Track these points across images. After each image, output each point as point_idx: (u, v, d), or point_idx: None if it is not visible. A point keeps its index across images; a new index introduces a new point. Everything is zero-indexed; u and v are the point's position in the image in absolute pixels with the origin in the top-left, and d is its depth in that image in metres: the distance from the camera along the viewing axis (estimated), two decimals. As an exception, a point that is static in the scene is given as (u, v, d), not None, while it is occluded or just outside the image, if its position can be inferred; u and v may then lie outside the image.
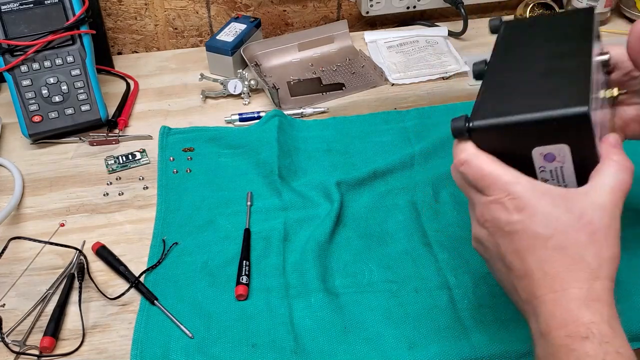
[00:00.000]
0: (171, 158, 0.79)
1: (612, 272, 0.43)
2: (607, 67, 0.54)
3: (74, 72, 0.82)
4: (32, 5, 0.80)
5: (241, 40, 0.93)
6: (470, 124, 0.46)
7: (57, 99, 0.81)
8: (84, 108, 0.82)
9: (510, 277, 0.45)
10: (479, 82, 0.53)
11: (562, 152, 0.45)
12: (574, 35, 0.52)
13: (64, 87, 0.81)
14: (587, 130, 0.43)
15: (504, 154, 0.46)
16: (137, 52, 1.06)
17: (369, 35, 1.02)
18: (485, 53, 0.54)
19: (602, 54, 0.53)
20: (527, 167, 0.46)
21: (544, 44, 0.53)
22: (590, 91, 0.44)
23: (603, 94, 0.51)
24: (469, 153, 0.46)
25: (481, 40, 1.02)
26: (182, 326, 0.59)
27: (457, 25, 1.01)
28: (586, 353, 0.40)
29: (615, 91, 0.53)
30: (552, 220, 0.43)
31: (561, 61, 0.49)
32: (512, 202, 0.43)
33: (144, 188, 0.76)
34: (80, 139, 0.83)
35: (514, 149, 0.46)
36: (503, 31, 0.57)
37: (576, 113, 0.42)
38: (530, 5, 0.97)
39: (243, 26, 0.95)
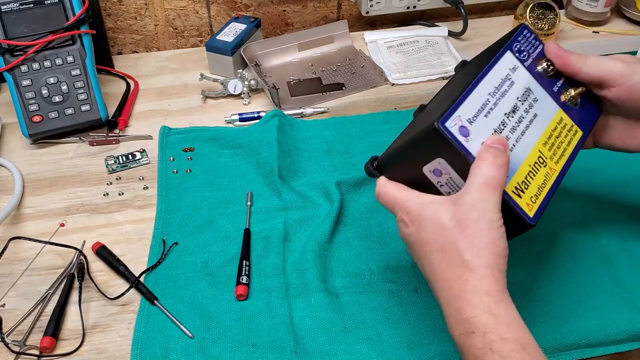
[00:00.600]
0: (171, 158, 0.79)
1: (490, 259, 0.44)
2: (551, 72, 0.57)
3: (74, 72, 0.82)
4: (32, 5, 0.80)
5: (241, 40, 0.93)
6: (375, 163, 0.55)
7: (57, 99, 0.81)
8: (84, 108, 0.82)
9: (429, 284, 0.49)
10: None
11: (442, 164, 0.50)
12: (488, 56, 0.56)
13: (64, 87, 0.81)
14: (444, 141, 0.48)
15: (407, 179, 0.52)
16: (137, 52, 1.06)
17: (369, 35, 1.02)
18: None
19: (544, 63, 0.57)
20: (430, 187, 0.51)
21: (471, 72, 0.57)
22: (454, 107, 0.49)
23: (563, 97, 0.56)
24: (379, 185, 0.53)
25: (481, 40, 1.02)
26: (182, 326, 0.59)
27: (457, 25, 1.01)
28: (475, 347, 0.42)
29: (572, 91, 0.56)
30: (434, 225, 0.47)
31: (459, 85, 0.55)
32: (407, 216, 0.49)
33: (144, 188, 0.76)
34: (80, 139, 0.83)
35: (411, 173, 0.52)
36: (460, 69, 0.63)
37: (429, 129, 0.48)
38: (530, 5, 0.97)
39: (243, 26, 0.95)
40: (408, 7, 1.05)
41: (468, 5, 1.02)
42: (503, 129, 0.52)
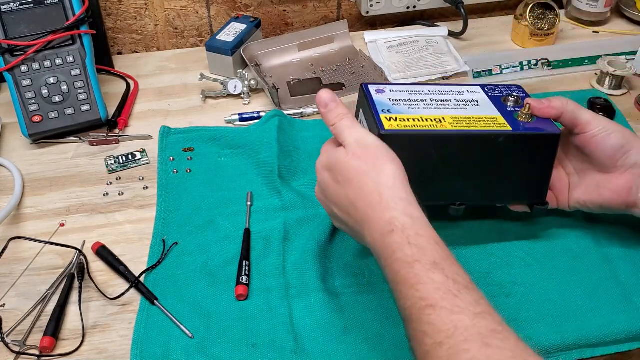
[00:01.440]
0: (171, 158, 0.79)
1: (391, 170, 0.51)
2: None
3: (74, 72, 0.82)
4: (32, 5, 0.80)
5: (241, 40, 0.93)
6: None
7: (57, 99, 0.81)
8: (84, 108, 0.82)
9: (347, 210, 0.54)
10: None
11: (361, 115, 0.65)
12: None
13: (64, 87, 0.81)
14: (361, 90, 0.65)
15: None
16: (137, 52, 1.06)
17: (369, 35, 1.02)
18: (486, 53, 0.55)
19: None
20: None
21: None
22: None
23: (519, 116, 0.62)
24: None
25: (481, 40, 1.02)
26: (182, 326, 0.59)
27: (457, 25, 1.01)
28: (395, 242, 0.48)
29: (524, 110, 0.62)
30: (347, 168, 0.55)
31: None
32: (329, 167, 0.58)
33: (144, 188, 0.76)
34: (80, 139, 0.83)
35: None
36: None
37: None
38: (531, 5, 0.97)
39: (243, 26, 0.95)
40: (408, 7, 1.05)
41: (468, 5, 1.02)
42: (417, 102, 0.62)
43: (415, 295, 0.45)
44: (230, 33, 0.94)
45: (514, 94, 0.64)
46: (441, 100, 0.63)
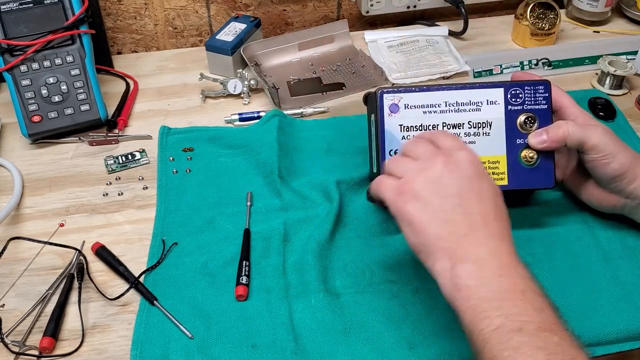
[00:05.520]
0: (171, 158, 0.79)
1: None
2: (527, 127, 0.64)
3: (73, 72, 0.82)
4: (31, 5, 0.80)
5: (241, 40, 0.93)
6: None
7: (56, 98, 0.81)
8: (83, 108, 0.82)
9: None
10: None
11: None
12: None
13: (64, 87, 0.81)
14: (373, 101, 0.65)
15: None
16: (136, 52, 1.05)
17: (369, 35, 1.02)
18: (486, 52, 0.55)
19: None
20: None
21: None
22: (404, 90, 0.63)
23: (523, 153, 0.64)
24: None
25: (482, 40, 1.02)
26: (181, 326, 0.59)
27: (458, 25, 1.01)
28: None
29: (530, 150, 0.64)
30: None
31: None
32: None
33: (143, 188, 0.76)
34: (79, 139, 0.83)
35: None
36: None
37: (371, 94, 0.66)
38: (531, 5, 0.97)
39: (243, 26, 0.95)
40: (408, 7, 1.05)
41: (468, 4, 1.02)
42: (427, 129, 0.62)
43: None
44: (230, 33, 0.94)
45: (530, 107, 0.63)
46: (454, 125, 0.63)
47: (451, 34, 1.02)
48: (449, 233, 0.49)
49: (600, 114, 0.83)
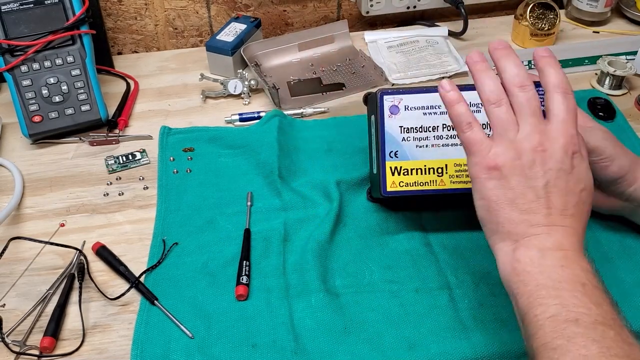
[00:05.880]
0: (171, 158, 0.79)
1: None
2: None
3: (74, 72, 0.82)
4: (32, 5, 0.80)
5: (241, 40, 0.93)
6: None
7: (57, 99, 0.81)
8: (84, 108, 0.82)
9: None
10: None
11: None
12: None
13: (64, 87, 0.81)
14: (374, 102, 0.65)
15: None
16: (137, 52, 1.05)
17: (369, 35, 1.02)
18: (486, 53, 0.55)
19: None
20: None
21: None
22: (404, 92, 0.63)
23: None
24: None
25: (482, 40, 1.02)
26: (182, 326, 0.59)
27: (457, 25, 1.01)
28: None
29: None
30: None
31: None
32: None
33: (144, 188, 0.76)
34: (80, 139, 0.83)
35: None
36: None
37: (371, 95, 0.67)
38: (531, 5, 0.97)
39: (243, 26, 0.95)
40: (408, 7, 1.05)
41: (468, 5, 1.02)
42: (427, 132, 0.63)
43: None
44: (230, 33, 0.94)
45: None
46: (452, 128, 0.62)
47: (451, 34, 1.02)
48: (522, 221, 0.48)
49: (600, 114, 0.83)
